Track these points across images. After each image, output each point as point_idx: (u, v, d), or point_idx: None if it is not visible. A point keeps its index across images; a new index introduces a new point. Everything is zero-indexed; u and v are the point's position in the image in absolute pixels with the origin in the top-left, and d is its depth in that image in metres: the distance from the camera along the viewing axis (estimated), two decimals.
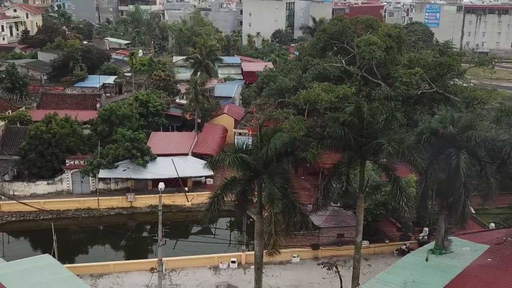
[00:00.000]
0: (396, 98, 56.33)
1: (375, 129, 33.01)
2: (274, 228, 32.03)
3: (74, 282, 32.93)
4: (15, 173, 56.02)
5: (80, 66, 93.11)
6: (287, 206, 32.23)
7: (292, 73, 61.94)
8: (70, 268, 40.64)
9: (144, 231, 52.22)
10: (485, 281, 32.59)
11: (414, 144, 34.05)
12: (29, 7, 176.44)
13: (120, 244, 43.67)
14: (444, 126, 34.37)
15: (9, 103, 72.34)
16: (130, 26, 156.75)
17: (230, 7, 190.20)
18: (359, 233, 36.02)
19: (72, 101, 77.03)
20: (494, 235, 39.85)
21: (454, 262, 35.18)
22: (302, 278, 40.74)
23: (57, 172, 55.20)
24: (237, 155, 30.69)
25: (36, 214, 51.06)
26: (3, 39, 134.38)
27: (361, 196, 35.20)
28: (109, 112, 60.35)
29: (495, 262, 34.73)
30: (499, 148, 35.36)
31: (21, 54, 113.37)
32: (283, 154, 32.57)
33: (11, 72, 78.54)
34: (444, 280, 32.82)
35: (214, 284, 39.89)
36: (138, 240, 48.23)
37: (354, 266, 36.58)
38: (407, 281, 32.86)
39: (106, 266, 41.06)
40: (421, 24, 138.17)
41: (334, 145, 34.24)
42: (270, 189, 30.25)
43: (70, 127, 56.24)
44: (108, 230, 48.12)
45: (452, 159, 33.00)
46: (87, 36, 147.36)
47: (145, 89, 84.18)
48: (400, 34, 62.25)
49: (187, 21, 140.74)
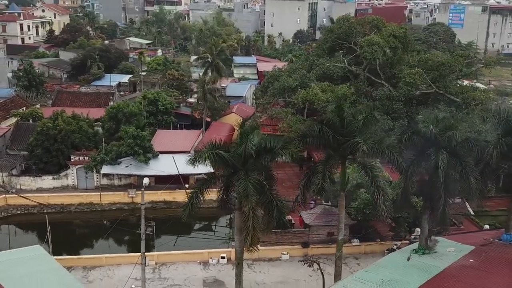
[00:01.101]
0: (398, 99, 56.34)
1: (354, 128, 33.35)
2: (252, 223, 32.61)
3: (59, 273, 33.99)
4: (23, 168, 57.79)
5: (98, 65, 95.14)
6: (265, 203, 32.83)
7: (296, 73, 62.36)
8: (64, 260, 42.29)
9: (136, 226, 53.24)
10: (463, 281, 32.54)
11: (395, 144, 34.30)
12: (57, 8, 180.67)
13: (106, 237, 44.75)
14: (426, 126, 34.38)
15: (24, 101, 74.56)
16: (154, 27, 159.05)
17: (253, 7, 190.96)
18: (341, 231, 36.30)
19: (86, 99, 78.92)
20: (482, 236, 39.70)
21: (435, 262, 35.12)
22: (289, 275, 41.15)
23: (62, 168, 56.75)
24: (214, 151, 31.40)
25: (40, 207, 52.70)
26: (29, 39, 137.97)
27: (342, 194, 35.52)
28: (116, 110, 61.71)
29: (477, 263, 34.59)
30: (482, 148, 35.12)
31: (44, 53, 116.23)
32: (262, 151, 33.16)
33: (28, 71, 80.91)
34: (422, 279, 32.80)
35: (202, 278, 40.61)
36: (133, 234, 49.18)
37: (336, 264, 36.90)
38: (384, 279, 32.95)
39: (99, 259, 42.22)
40: (443, 25, 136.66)
41: (315, 144, 34.67)
42: (245, 185, 30.81)
43: (76, 124, 57.72)
44: (107, 224, 49.42)
45: (432, 159, 33.05)
46: (110, 35, 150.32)
47: (159, 88, 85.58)
48: (405, 35, 62.07)
49: (208, 21, 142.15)
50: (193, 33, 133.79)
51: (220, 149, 31.90)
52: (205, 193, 32.81)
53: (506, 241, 37.35)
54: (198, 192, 32.72)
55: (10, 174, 55.79)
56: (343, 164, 34.88)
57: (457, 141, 33.38)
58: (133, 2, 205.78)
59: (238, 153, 32.14)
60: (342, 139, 33.39)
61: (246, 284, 40.00)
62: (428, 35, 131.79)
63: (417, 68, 54.60)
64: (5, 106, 70.70)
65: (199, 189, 32.83)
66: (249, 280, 40.71)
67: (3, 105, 70.93)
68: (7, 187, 55.42)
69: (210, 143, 32.22)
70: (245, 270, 41.85)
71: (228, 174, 33.14)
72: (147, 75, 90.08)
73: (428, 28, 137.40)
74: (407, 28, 62.48)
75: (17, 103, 72.52)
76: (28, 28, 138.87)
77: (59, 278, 33.47)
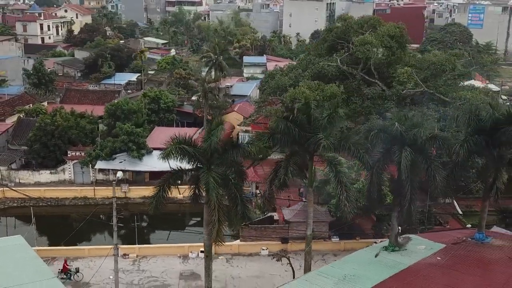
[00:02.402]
0: (390, 98, 56.34)
1: (319, 124, 33.84)
2: (218, 217, 33.45)
3: (34, 262, 35.20)
4: (23, 162, 59.64)
5: (109, 64, 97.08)
6: (230, 197, 33.62)
7: (292, 72, 62.83)
8: (48, 251, 43.91)
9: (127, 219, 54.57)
10: (425, 278, 32.67)
11: (361, 141, 34.66)
12: (80, 8, 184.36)
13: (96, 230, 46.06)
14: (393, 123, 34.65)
15: (33, 98, 76.74)
16: (173, 27, 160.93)
17: (272, 8, 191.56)
18: (309, 226, 36.80)
19: (93, 96, 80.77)
20: (457, 235, 39.69)
21: (402, 259, 35.24)
22: (265, 270, 41.75)
23: (60, 163, 58.41)
24: (178, 146, 32.28)
25: (36, 200, 54.59)
26: (49, 38, 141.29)
27: (310, 190, 36.00)
28: (115, 107, 63.16)
29: (443, 261, 34.63)
30: (450, 146, 35.20)
31: (61, 52, 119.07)
32: (229, 146, 33.95)
33: (38, 69, 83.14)
34: (385, 275, 32.95)
35: (179, 271, 41.54)
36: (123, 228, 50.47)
37: (305, 259, 37.36)
38: (347, 274, 33.21)
39: (81, 250, 43.61)
40: (459, 25, 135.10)
41: (283, 140, 35.20)
42: (206, 179, 31.63)
43: (74, 120, 59.31)
44: (98, 217, 50.91)
45: (395, 156, 33.31)
46: (129, 35, 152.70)
47: (166, 86, 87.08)
48: (402, 34, 61.90)
49: (224, 22, 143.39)
50: (208, 33, 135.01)
51: (185, 144, 32.75)
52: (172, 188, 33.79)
53: (478, 240, 37.31)
54: (164, 186, 33.64)
55: (9, 168, 57.72)
56: (310, 160, 35.32)
57: (423, 138, 33.54)
58: (155, 3, 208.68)
59: (204, 148, 33.04)
60: (308, 136, 33.90)
61: (222, 278, 40.95)
62: (444, 36, 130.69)
63: (406, 67, 54.56)
64: (13, 102, 72.88)
65: (164, 183, 33.74)
66: (225, 274, 41.54)
67: (11, 102, 73.16)
68: (7, 180, 57.37)
69: (175, 138, 33.00)
70: (223, 265, 43.03)
71: (195, 169, 34.01)
72: (155, 74, 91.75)
73: (444, 29, 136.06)
74: (404, 27, 62.24)
75: (25, 100, 74.66)
76: (48, 28, 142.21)
77: (34, 267, 34.69)
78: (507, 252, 35.38)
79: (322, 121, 33.80)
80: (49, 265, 42.22)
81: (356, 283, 32.06)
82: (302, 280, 33.39)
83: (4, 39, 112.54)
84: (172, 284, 39.81)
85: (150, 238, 52.12)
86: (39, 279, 33.22)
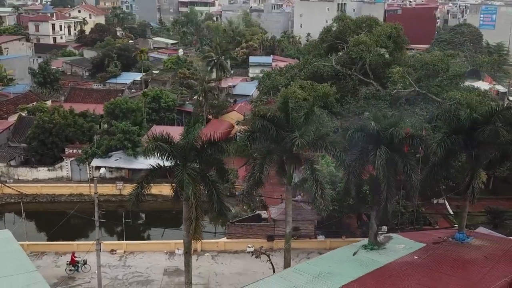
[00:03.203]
0: (383, 98, 56.44)
1: (297, 123, 34.20)
2: (195, 213, 34.01)
3: (17, 255, 36.16)
4: (23, 159, 60.79)
5: (115, 63, 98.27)
6: (208, 194, 34.15)
7: (288, 72, 63.21)
8: (39, 246, 44.84)
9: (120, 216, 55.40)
10: (398, 276, 32.90)
11: (338, 140, 34.96)
12: (93, 9, 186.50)
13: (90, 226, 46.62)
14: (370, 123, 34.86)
15: (37, 96, 78.05)
16: (184, 27, 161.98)
17: (284, 9, 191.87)
18: (288, 223, 37.19)
19: (97, 95, 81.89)
20: (439, 234, 39.73)
21: (379, 257, 35.46)
22: (249, 267, 42.10)
23: (58, 160, 59.46)
24: (155, 143, 32.88)
25: (33, 197, 55.86)
26: (60, 38, 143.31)
27: (289, 188, 36.38)
28: (113, 105, 64.14)
29: (420, 260, 34.85)
30: (428, 146, 35.34)
31: (71, 52, 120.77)
32: (207, 144, 34.48)
33: (43, 68, 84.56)
34: (359, 273, 33.21)
35: (164, 267, 42.15)
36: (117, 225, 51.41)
37: (285, 256, 37.76)
38: (322, 271, 33.51)
39: (70, 245, 44.32)
40: (469, 26, 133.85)
41: (261, 138, 35.59)
42: (181, 175, 32.17)
43: (72, 118, 60.31)
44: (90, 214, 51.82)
45: (370, 155, 33.53)
46: (140, 35, 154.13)
47: (170, 86, 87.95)
48: (399, 34, 61.97)
49: (233, 22, 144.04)
50: (217, 34, 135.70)
51: (162, 141, 33.31)
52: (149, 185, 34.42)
53: (458, 240, 37.41)
54: (142, 183, 34.26)
55: (8, 165, 58.90)
56: (289, 158, 35.65)
57: (398, 138, 33.72)
58: (168, 3, 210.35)
59: (181, 146, 33.61)
60: (284, 134, 34.26)
61: (205, 275, 41.53)
62: (453, 36, 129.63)
63: (398, 67, 54.63)
64: (17, 101, 74.28)
65: (142, 180, 34.37)
66: (209, 270, 42.10)
67: (15, 100, 74.58)
68: (6, 176, 58.61)
69: (153, 135, 33.60)
70: (208, 261, 43.59)
71: (173, 166, 34.58)
72: (159, 73, 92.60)
73: (454, 29, 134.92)
74: (400, 28, 62.22)
75: (29, 98, 75.99)
76: (60, 28, 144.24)
77: (16, 260, 35.59)
78: (485, 252, 35.42)
79: (299, 119, 34.25)
80: (38, 259, 43.33)
81: (328, 280, 32.37)
82: (276, 276, 33.77)
83: (14, 39, 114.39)
84: (156, 280, 40.42)
85: (145, 235, 52.84)
86: (20, 272, 34.11)
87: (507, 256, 34.52)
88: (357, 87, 60.28)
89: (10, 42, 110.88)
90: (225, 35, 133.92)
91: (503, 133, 32.84)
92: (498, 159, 37.04)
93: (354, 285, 31.58)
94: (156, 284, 39.89)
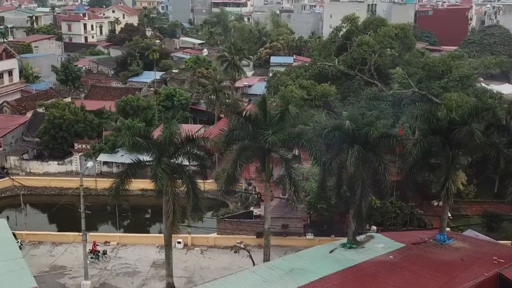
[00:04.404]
0: (385, 99, 56.29)
1: (272, 121, 34.82)
2: (173, 208, 35.14)
3: (7, 243, 37.97)
4: (36, 153, 63.10)
5: (137, 62, 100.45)
6: (186, 189, 35.14)
7: (293, 72, 63.65)
8: (36, 235, 46.63)
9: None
10: (368, 274, 33.10)
11: (315, 138, 35.39)
12: (127, 9, 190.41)
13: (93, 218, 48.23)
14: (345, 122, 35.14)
15: (57, 93, 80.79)
16: (213, 27, 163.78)
17: (314, 9, 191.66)
18: (267, 220, 37.76)
19: (116, 93, 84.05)
20: (421, 235, 39.62)
21: (355, 256, 35.69)
22: (235, 263, 42.76)
23: (67, 154, 61.54)
24: (131, 138, 34.06)
25: (42, 189, 58.11)
26: (92, 37, 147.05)
27: (267, 185, 36.99)
28: (124, 103, 65.93)
29: (395, 260, 34.93)
30: (404, 146, 35.35)
31: (99, 51, 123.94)
32: (185, 140, 35.51)
33: (65, 66, 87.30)
34: (330, 270, 33.56)
35: (152, 260, 43.29)
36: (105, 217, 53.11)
37: (264, 252, 38.36)
38: (295, 267, 33.92)
39: (66, 236, 45.92)
40: (499, 27, 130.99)
41: (240, 136, 36.31)
42: (155, 170, 33.25)
43: (82, 115, 62.29)
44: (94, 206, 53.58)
45: (344, 154, 33.81)
46: (170, 35, 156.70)
47: (187, 84, 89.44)
48: (406, 35, 61.59)
49: (260, 22, 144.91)
50: (243, 34, 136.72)
51: (139, 136, 34.45)
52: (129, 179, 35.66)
53: (439, 241, 37.25)
54: (122, 177, 35.52)
55: (21, 158, 61.29)
56: (267, 155, 36.23)
57: (372, 137, 33.90)
58: (201, 4, 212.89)
59: (158, 141, 34.76)
60: (261, 131, 34.87)
61: (191, 268, 42.51)
62: (482, 38, 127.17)
63: (397, 68, 54.37)
64: (37, 97, 77.01)
65: (123, 174, 35.63)
66: (196, 264, 43.03)
67: (36, 97, 77.39)
68: (18, 169, 61.07)
69: (129, 130, 34.76)
70: (196, 255, 44.59)
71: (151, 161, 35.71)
72: (178, 72, 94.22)
73: (483, 31, 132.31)
74: (408, 28, 61.79)
75: (49, 95, 78.74)
76: (91, 28, 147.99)
77: (5, 247, 37.38)
78: (462, 254, 35.21)
79: (274, 118, 34.86)
80: (35, 248, 45.15)
81: (299, 276, 32.82)
82: (249, 271, 34.37)
83: (44, 38, 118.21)
84: (142, 272, 41.59)
85: (144, 229, 54.18)
86: (6, 258, 35.79)
87: (483, 259, 34.20)
88: (362, 87, 60.19)
89: (39, 41, 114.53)
90: (250, 35, 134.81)
91: (477, 134, 32.64)
92: (480, 162, 36.75)
93: (322, 282, 31.97)
94: (142, 276, 41.04)
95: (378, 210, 47.58)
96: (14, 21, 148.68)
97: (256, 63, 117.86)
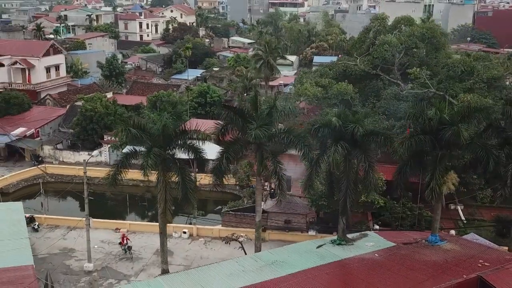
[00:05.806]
0: (406, 99, 55.62)
1: (261, 116, 35.63)
2: (165, 196, 36.76)
3: (17, 223, 40.74)
4: (69, 144, 66.57)
5: (181, 60, 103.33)
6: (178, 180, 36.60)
7: (318, 71, 63.91)
8: (53, 219, 49.45)
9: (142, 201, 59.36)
10: (346, 270, 33.42)
11: (304, 134, 35.91)
12: (185, 9, 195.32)
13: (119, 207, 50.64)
14: None
15: (100, 88, 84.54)
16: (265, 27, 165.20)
17: (370, 9, 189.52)
18: (258, 213, 38.50)
19: (155, 89, 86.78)
20: (416, 236, 39.27)
21: (341, 252, 35.91)
22: (234, 254, 43.48)
23: (98, 145, 64.57)
24: (125, 128, 35.83)
25: (70, 178, 61.25)
26: (147, 36, 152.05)
27: (258, 179, 37.79)
28: (155, 98, 68.35)
29: (379, 258, 34.96)
30: (392, 144, 35.25)
31: (150, 48, 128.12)
32: (179, 132, 36.97)
33: (110, 62, 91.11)
34: (311, 264, 34.00)
35: (156, 248, 44.79)
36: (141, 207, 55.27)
37: (255, 244, 39.16)
38: (278, 260, 34.55)
39: (81, 221, 48.31)
40: None
41: (233, 129, 37.33)
42: (145, 159, 34.84)
43: (113, 108, 65.13)
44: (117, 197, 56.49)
45: (329, 150, 34.14)
46: (223, 35, 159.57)
47: (226, 82, 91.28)
48: (434, 35, 60.55)
49: (311, 22, 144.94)
50: (292, 34, 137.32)
51: (133, 127, 36.13)
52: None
53: (430, 242, 36.89)
54: (118, 166, 37.33)
55: (55, 148, 64.85)
56: (259, 149, 37.02)
57: (357, 134, 34.05)
58: (258, 4, 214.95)
59: (151, 132, 36.39)
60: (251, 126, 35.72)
61: (191, 258, 43.97)
62: None
63: (414, 68, 53.59)
64: (80, 91, 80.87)
65: (119, 164, 37.45)
66: (196, 254, 44.41)
67: (78, 91, 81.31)
68: (52, 158, 64.69)
69: (124, 120, 36.51)
70: (199, 246, 46.05)
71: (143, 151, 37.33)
72: (218, 70, 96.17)
73: None
74: (435, 28, 60.59)
75: (92, 89, 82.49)
76: (147, 26, 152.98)
77: (15, 227, 40.17)
78: (448, 256, 34.75)
79: (263, 113, 35.66)
80: (51, 231, 47.92)
81: (279, 268, 33.47)
82: (232, 261, 35.29)
83: (98, 35, 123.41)
84: (144, 258, 43.39)
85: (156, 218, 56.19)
86: (13, 238, 38.47)
87: (468, 261, 33.61)
88: (387, 87, 59.68)
89: (93, 38, 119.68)
90: (299, 35, 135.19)
91: (463, 134, 32.23)
92: (473, 163, 36.12)
93: (297, 274, 32.49)
94: (143, 262, 42.83)
95: (387, 210, 47.40)
96: (75, 19, 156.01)
97: (302, 63, 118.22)
